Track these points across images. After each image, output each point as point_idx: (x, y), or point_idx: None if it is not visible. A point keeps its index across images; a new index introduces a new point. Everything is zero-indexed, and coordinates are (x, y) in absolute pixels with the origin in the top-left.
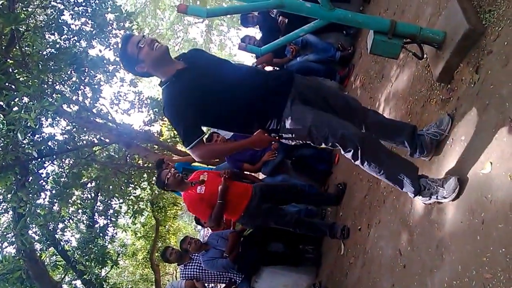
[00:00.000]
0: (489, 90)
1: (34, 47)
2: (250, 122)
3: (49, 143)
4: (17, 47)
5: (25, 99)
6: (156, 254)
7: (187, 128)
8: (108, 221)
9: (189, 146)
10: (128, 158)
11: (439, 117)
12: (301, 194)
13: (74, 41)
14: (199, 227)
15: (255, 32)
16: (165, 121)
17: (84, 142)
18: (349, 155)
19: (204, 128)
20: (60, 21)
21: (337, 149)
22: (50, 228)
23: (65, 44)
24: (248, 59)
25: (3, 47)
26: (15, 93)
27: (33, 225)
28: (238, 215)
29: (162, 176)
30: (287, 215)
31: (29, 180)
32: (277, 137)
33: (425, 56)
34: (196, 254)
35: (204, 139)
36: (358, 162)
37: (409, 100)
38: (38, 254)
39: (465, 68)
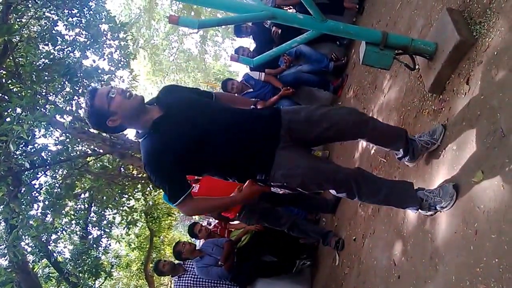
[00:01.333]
0: (480, 100)
1: (28, 58)
2: (238, 169)
3: (42, 154)
4: (11, 58)
5: (18, 110)
6: (151, 265)
7: (172, 185)
8: (102, 232)
9: (176, 203)
10: (122, 168)
11: (432, 126)
12: (298, 198)
13: (68, 52)
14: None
15: (250, 43)
16: None
17: (78, 152)
18: (343, 195)
19: None
20: (54, 31)
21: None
22: (43, 239)
23: (59, 54)
24: (242, 70)
25: None
26: (8, 104)
27: (26, 237)
28: (235, 213)
29: None
30: (282, 218)
31: (22, 191)
32: (266, 186)
33: (417, 67)
34: (191, 265)
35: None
36: (355, 199)
37: (401, 111)
38: (31, 266)
39: (456, 79)
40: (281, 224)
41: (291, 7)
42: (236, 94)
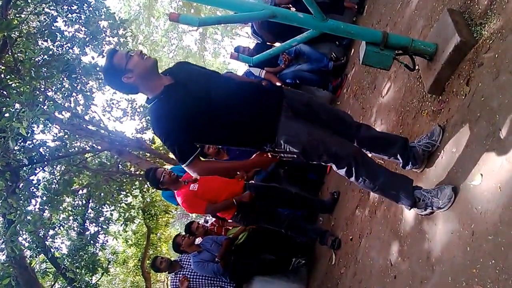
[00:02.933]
0: (480, 102)
1: (27, 54)
2: (243, 137)
3: (41, 150)
4: (10, 54)
5: (17, 106)
6: (147, 262)
7: (181, 146)
8: (99, 228)
9: (186, 164)
10: (119, 165)
11: (430, 128)
12: (295, 198)
13: (67, 48)
14: None
15: (249, 42)
16: None
17: (76, 149)
18: (342, 172)
19: None
20: (53, 27)
21: (329, 165)
22: (40, 235)
23: (58, 51)
24: (241, 68)
25: None
26: (7, 99)
27: (23, 232)
28: (232, 213)
29: (158, 174)
30: (279, 217)
31: (20, 187)
32: (275, 156)
33: (416, 67)
34: (187, 262)
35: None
36: (352, 179)
37: (400, 111)
38: (28, 261)
39: (456, 80)
40: (278, 224)
41: (291, 5)
42: None
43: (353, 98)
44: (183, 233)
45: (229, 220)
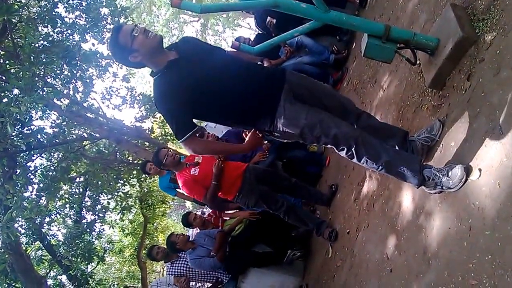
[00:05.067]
0: (480, 97)
1: (27, 39)
2: (243, 117)
3: (38, 136)
4: (9, 38)
5: (16, 91)
6: (143, 252)
7: (180, 121)
8: (96, 217)
9: (182, 139)
10: (118, 154)
11: (430, 122)
12: (295, 185)
13: (67, 34)
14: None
15: (250, 34)
16: (157, 118)
17: (74, 136)
18: (343, 154)
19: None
20: (53, 13)
21: (329, 148)
22: (36, 221)
23: (58, 37)
24: None
25: None
26: (6, 84)
27: (20, 218)
28: (233, 195)
29: (161, 154)
30: (279, 201)
31: (17, 173)
32: (270, 133)
33: (418, 62)
34: (183, 252)
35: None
36: (355, 160)
37: (400, 105)
38: (24, 248)
39: (457, 75)
40: (277, 208)
41: None
42: None
43: (353, 92)
44: (176, 232)
45: (227, 211)
